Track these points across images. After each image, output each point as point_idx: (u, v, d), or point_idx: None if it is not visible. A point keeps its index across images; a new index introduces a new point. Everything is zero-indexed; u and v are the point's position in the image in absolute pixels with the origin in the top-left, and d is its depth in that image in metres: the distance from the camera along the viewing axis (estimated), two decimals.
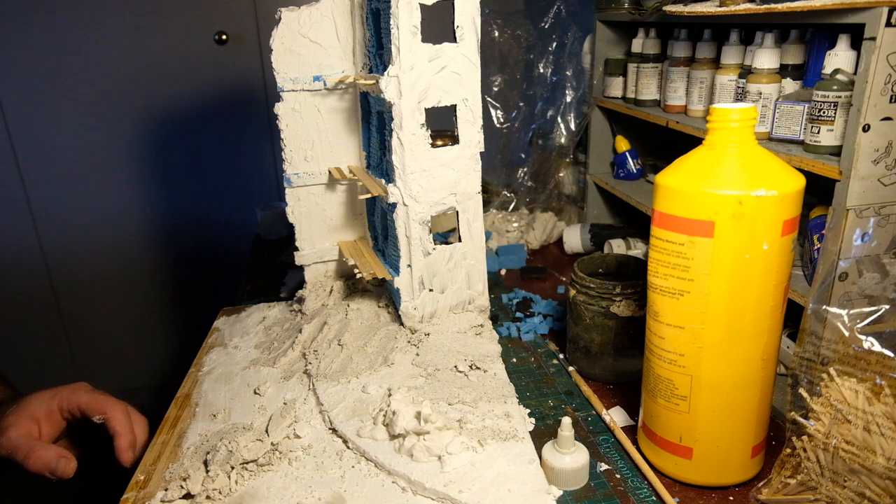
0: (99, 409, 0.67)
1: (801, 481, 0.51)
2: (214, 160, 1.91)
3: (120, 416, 0.66)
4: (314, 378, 0.70)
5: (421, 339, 0.75)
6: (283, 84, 0.79)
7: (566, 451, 0.57)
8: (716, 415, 0.55)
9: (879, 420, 0.47)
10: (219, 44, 1.81)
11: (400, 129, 0.70)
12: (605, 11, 1.04)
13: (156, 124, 1.86)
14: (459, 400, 0.64)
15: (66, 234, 1.88)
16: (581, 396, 0.72)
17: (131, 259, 1.94)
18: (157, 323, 2.04)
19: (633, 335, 0.71)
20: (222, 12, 1.80)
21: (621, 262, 0.79)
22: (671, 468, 0.58)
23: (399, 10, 0.67)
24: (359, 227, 0.90)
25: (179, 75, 1.81)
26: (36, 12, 1.69)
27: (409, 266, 0.75)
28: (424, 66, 0.69)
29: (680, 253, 0.52)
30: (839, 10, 0.58)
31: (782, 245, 0.50)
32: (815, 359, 0.52)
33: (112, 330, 1.99)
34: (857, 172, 0.59)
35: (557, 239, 1.20)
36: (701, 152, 0.52)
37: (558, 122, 1.20)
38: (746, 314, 0.51)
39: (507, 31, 1.23)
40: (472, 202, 0.77)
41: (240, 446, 0.58)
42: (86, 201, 1.86)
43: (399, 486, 0.56)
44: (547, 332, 0.87)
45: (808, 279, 0.68)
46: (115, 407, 0.67)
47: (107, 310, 1.97)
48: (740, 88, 0.76)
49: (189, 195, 1.93)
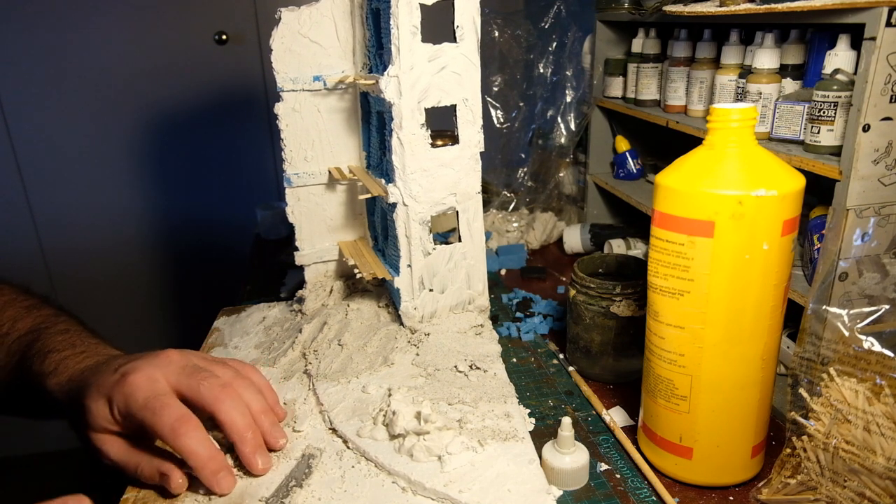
0: (198, 403, 0.56)
1: (801, 481, 0.51)
2: (214, 160, 1.91)
3: (224, 409, 0.56)
4: (314, 378, 0.70)
5: (421, 339, 0.75)
6: (283, 84, 0.79)
7: (566, 451, 0.57)
8: (716, 415, 0.55)
9: (879, 420, 0.47)
10: (219, 44, 1.81)
11: (400, 129, 0.70)
12: (605, 11, 1.04)
13: (156, 124, 1.86)
14: (459, 400, 0.64)
15: (66, 234, 1.88)
16: (581, 396, 0.72)
17: (131, 259, 1.94)
18: (157, 323, 2.04)
19: (633, 335, 0.71)
20: (222, 12, 1.80)
21: (621, 262, 0.79)
22: (671, 468, 0.58)
23: (399, 10, 0.67)
24: (359, 227, 0.90)
25: (179, 75, 1.82)
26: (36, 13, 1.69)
27: (409, 266, 0.75)
28: (424, 66, 0.69)
29: (680, 253, 0.52)
30: (839, 10, 0.58)
31: (782, 245, 0.50)
32: (815, 359, 0.52)
33: (112, 330, 1.96)
34: (857, 172, 0.59)
35: (557, 239, 1.20)
36: (701, 152, 0.52)
37: (558, 122, 1.20)
38: (746, 314, 0.51)
39: (507, 31, 1.23)
40: (472, 202, 0.77)
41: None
42: (86, 202, 1.86)
43: (399, 486, 0.56)
44: (547, 332, 0.87)
45: (808, 279, 0.68)
46: (208, 397, 0.56)
47: (107, 310, 1.97)
48: (740, 88, 0.76)
49: (189, 195, 1.93)
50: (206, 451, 0.53)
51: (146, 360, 0.57)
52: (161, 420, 0.52)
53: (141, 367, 0.56)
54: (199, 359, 0.61)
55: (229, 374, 0.60)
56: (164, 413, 0.53)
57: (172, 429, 0.52)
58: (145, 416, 0.53)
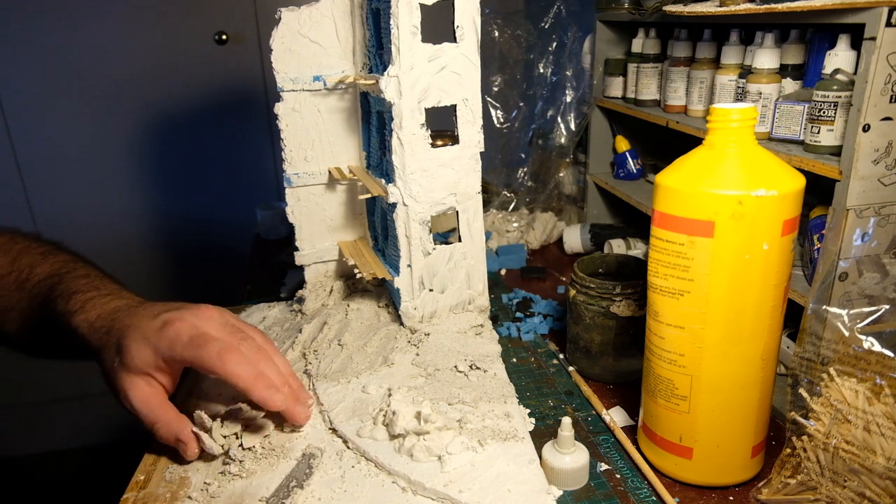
0: (207, 370, 0.57)
1: (801, 481, 0.51)
2: (214, 160, 1.91)
3: (236, 373, 0.56)
4: (314, 378, 0.70)
5: (421, 339, 0.75)
6: (283, 84, 0.79)
7: (566, 451, 0.57)
8: (716, 415, 0.55)
9: (879, 420, 0.47)
10: (219, 44, 1.81)
11: (400, 129, 0.70)
12: (605, 11, 1.04)
13: (156, 124, 1.86)
14: (459, 400, 0.64)
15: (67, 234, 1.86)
16: (581, 396, 0.72)
17: (131, 259, 1.94)
18: None
19: (633, 335, 0.71)
20: (222, 12, 1.80)
21: (621, 262, 0.79)
22: (671, 468, 0.58)
23: (399, 10, 0.67)
24: (359, 227, 0.90)
25: (179, 75, 1.81)
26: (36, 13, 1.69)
27: (409, 266, 0.75)
28: (424, 66, 0.69)
29: (680, 253, 0.52)
30: (839, 10, 0.58)
31: (782, 245, 0.50)
32: (815, 359, 0.52)
33: None
34: (857, 172, 0.59)
35: (557, 239, 1.20)
36: (701, 152, 0.52)
37: (558, 122, 1.19)
38: (746, 314, 0.51)
39: (507, 31, 1.23)
40: (472, 202, 0.77)
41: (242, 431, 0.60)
42: (86, 202, 1.86)
43: (399, 486, 0.56)
44: (547, 332, 0.87)
45: (808, 279, 0.68)
46: (216, 364, 0.56)
47: None
48: (740, 88, 0.76)
49: (189, 195, 1.93)
50: (251, 371, 0.57)
51: (189, 311, 0.60)
52: (206, 351, 0.56)
53: (184, 316, 0.59)
54: (235, 319, 0.64)
55: (260, 338, 0.64)
56: (208, 345, 0.56)
57: (218, 355, 0.56)
58: (190, 353, 0.56)
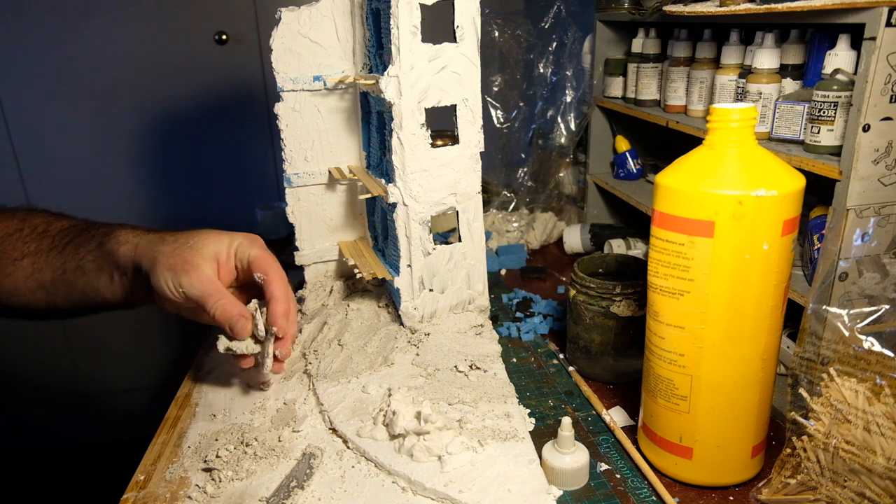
0: (263, 269, 0.65)
1: (801, 481, 0.51)
2: (214, 160, 1.91)
3: (279, 282, 0.65)
4: (314, 378, 0.70)
5: (421, 339, 0.75)
6: (283, 84, 0.79)
7: (566, 451, 0.57)
8: (716, 415, 0.55)
9: (879, 420, 0.47)
10: (219, 44, 1.81)
11: (400, 129, 0.70)
12: (605, 11, 1.04)
13: (156, 124, 1.86)
14: (459, 400, 0.64)
15: None
16: (581, 396, 0.72)
17: None
18: (156, 323, 2.03)
19: (633, 335, 0.71)
20: (222, 12, 1.80)
21: (621, 262, 0.79)
22: (671, 468, 0.58)
23: (399, 10, 0.67)
24: (359, 227, 0.90)
25: (179, 75, 1.81)
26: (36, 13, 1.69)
27: (409, 266, 0.75)
28: (424, 66, 0.69)
29: (680, 253, 0.52)
30: (839, 10, 0.58)
31: (782, 245, 0.50)
32: (815, 359, 0.52)
33: (112, 330, 1.98)
34: (857, 172, 0.59)
35: (557, 239, 1.20)
36: (701, 152, 0.52)
37: (558, 122, 1.20)
38: (746, 314, 0.51)
39: (507, 31, 1.22)
40: (472, 202, 0.77)
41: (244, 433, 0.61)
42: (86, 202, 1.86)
43: (399, 486, 0.56)
44: (547, 332, 0.87)
45: (808, 279, 0.68)
46: (277, 271, 0.66)
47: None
48: (740, 88, 0.76)
49: (189, 195, 1.93)
50: (290, 293, 0.67)
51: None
52: (274, 259, 0.67)
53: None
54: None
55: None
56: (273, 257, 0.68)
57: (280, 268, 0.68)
58: (258, 251, 0.67)
